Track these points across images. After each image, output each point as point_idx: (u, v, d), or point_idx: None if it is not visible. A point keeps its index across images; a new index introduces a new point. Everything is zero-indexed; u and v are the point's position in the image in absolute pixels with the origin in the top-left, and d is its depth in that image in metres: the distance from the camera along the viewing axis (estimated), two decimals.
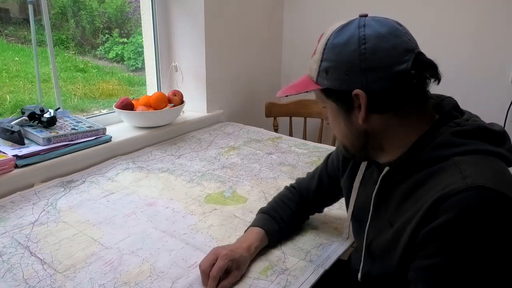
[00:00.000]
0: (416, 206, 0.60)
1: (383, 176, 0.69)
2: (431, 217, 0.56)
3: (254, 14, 1.99)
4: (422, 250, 0.58)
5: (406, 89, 0.61)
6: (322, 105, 0.72)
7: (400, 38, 0.61)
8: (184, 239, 0.92)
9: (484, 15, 1.65)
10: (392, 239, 0.65)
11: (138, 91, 2.54)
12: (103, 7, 2.55)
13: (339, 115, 0.67)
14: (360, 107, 0.62)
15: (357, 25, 0.62)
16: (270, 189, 1.18)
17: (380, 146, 0.67)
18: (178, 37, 1.79)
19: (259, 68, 2.13)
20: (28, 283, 0.76)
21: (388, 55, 0.60)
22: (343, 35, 0.62)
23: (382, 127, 0.64)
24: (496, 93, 1.70)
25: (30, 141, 1.24)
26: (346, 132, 0.68)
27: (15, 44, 2.35)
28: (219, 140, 1.61)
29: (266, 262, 0.85)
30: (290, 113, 2.00)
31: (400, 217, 0.64)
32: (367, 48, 0.60)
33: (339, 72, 0.62)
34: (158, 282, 0.78)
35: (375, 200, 0.71)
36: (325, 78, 0.64)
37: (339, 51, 0.62)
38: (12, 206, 1.04)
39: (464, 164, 0.58)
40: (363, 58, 0.60)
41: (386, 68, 0.60)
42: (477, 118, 0.66)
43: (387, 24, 0.62)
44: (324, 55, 0.64)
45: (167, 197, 1.12)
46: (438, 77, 0.62)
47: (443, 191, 0.56)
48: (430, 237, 0.57)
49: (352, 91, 0.61)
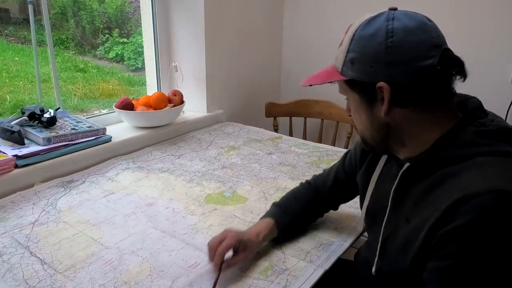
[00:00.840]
0: (434, 205, 0.60)
1: (403, 172, 0.68)
2: (449, 218, 0.56)
3: (254, 14, 1.99)
4: (438, 251, 0.58)
5: (431, 85, 0.61)
6: (345, 96, 0.72)
7: (428, 33, 0.61)
8: (184, 239, 0.92)
9: (484, 15, 1.65)
10: (408, 235, 0.64)
11: (138, 91, 2.54)
12: (103, 7, 2.55)
13: (361, 107, 0.67)
14: (383, 100, 0.63)
15: (386, 18, 0.62)
16: (270, 189, 1.18)
17: (401, 140, 0.67)
18: (178, 37, 1.79)
19: (259, 68, 2.13)
20: (28, 283, 0.76)
21: (414, 49, 0.59)
22: (371, 27, 0.62)
23: (403, 121, 0.64)
24: (496, 93, 1.70)
25: (30, 141, 1.24)
26: (367, 124, 0.68)
27: (15, 44, 2.35)
28: (219, 140, 1.61)
29: (266, 262, 0.85)
30: (290, 113, 2.00)
31: (418, 214, 0.64)
32: (394, 41, 0.60)
33: (364, 64, 0.62)
34: (158, 281, 0.78)
35: (393, 196, 0.71)
36: (350, 69, 0.64)
37: (365, 43, 0.62)
38: (12, 206, 1.04)
39: (485, 165, 0.58)
40: (389, 51, 0.60)
41: (411, 62, 0.60)
42: (501, 119, 0.66)
43: (416, 18, 0.62)
44: (350, 46, 0.64)
45: (167, 197, 1.12)
46: (464, 74, 0.62)
47: (463, 193, 0.55)
48: (448, 239, 0.56)
49: (376, 83, 0.62)
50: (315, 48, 2.12)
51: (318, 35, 2.09)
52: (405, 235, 0.65)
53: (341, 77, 0.66)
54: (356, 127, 0.73)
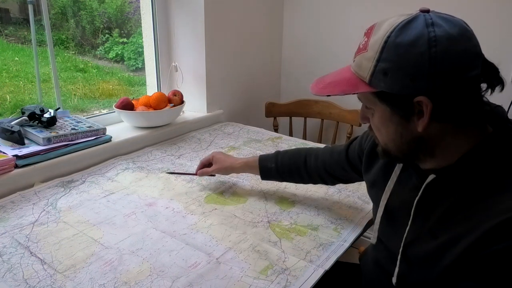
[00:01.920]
0: (470, 223, 0.57)
1: (427, 184, 0.64)
2: (492, 239, 0.53)
3: (254, 14, 1.99)
4: (476, 271, 0.55)
5: (473, 96, 0.57)
6: (365, 106, 0.66)
7: (471, 41, 0.56)
8: (184, 239, 0.92)
9: (484, 15, 1.65)
10: (436, 251, 0.62)
11: (138, 91, 2.54)
12: (103, 7, 2.55)
13: (391, 120, 0.61)
14: (421, 113, 0.57)
15: (424, 23, 0.55)
16: (270, 189, 1.18)
17: (431, 152, 0.62)
18: (178, 37, 1.79)
19: (259, 68, 2.13)
20: (28, 283, 0.76)
21: (460, 59, 0.54)
22: (408, 34, 0.55)
23: (440, 134, 0.60)
24: (496, 93, 1.69)
25: (30, 141, 1.24)
26: (395, 136, 0.63)
27: (15, 44, 2.35)
28: (219, 140, 1.61)
29: (266, 261, 0.85)
30: (290, 113, 2.00)
31: (447, 230, 0.60)
32: (438, 52, 0.53)
33: (402, 76, 0.55)
34: (158, 281, 0.78)
35: (416, 207, 0.67)
36: (382, 81, 0.57)
37: (404, 52, 0.55)
38: (12, 206, 1.04)
39: None
40: (433, 62, 0.53)
41: (457, 74, 0.54)
42: None
43: (457, 24, 0.56)
44: (382, 54, 0.56)
45: (167, 197, 1.12)
46: (503, 83, 0.58)
47: (508, 215, 0.52)
48: (489, 260, 0.54)
49: (414, 96, 0.56)
50: (315, 48, 2.12)
51: (318, 35, 2.09)
52: (432, 249, 0.63)
53: (370, 88, 0.59)
54: (379, 138, 0.67)
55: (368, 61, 0.59)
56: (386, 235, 0.78)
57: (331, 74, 0.67)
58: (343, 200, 1.12)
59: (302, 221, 1.01)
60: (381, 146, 0.68)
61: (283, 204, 1.10)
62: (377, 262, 0.82)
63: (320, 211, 1.06)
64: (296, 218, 1.02)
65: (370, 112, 0.65)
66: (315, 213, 1.05)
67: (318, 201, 1.11)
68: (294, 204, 1.09)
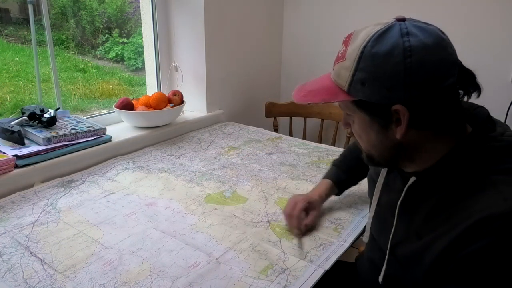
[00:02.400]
0: (449, 223, 0.58)
1: (409, 186, 0.66)
2: (467, 240, 0.54)
3: (254, 14, 1.99)
4: (457, 274, 0.56)
5: (450, 103, 0.58)
6: (346, 113, 0.67)
7: (446, 50, 0.57)
8: (184, 239, 0.92)
9: (484, 14, 1.65)
10: (420, 251, 0.63)
11: (138, 91, 2.54)
12: (103, 7, 2.55)
13: (371, 127, 0.63)
14: (398, 122, 0.59)
15: (399, 33, 0.56)
16: (270, 189, 1.18)
17: (411, 157, 0.64)
18: (178, 37, 1.79)
19: (259, 68, 2.13)
20: (28, 283, 0.76)
21: (435, 69, 0.55)
22: (384, 44, 0.56)
23: (418, 141, 0.61)
24: (496, 93, 1.70)
25: (30, 141, 1.24)
26: (376, 143, 0.64)
27: (15, 44, 2.35)
28: (219, 140, 1.61)
29: (266, 261, 0.85)
30: (290, 113, 2.00)
31: (430, 231, 0.62)
32: (413, 62, 0.54)
33: (379, 86, 0.57)
34: (158, 281, 0.78)
35: (400, 209, 0.69)
36: (360, 90, 0.59)
37: (380, 63, 0.56)
38: (12, 206, 1.04)
39: (502, 184, 0.56)
40: (408, 72, 0.54)
41: (432, 84, 0.55)
42: (510, 130, 0.64)
43: (432, 33, 0.57)
44: (359, 64, 0.58)
45: (167, 197, 1.12)
46: (479, 89, 0.59)
47: (482, 214, 0.54)
48: (467, 262, 0.55)
49: (391, 105, 0.57)
50: (315, 48, 2.12)
51: (318, 35, 2.09)
52: (417, 249, 0.64)
53: (348, 97, 0.61)
54: (360, 144, 0.69)
55: (346, 71, 0.60)
56: (378, 235, 0.80)
57: (312, 82, 0.68)
58: (343, 200, 1.12)
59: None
60: (365, 152, 0.69)
61: (283, 204, 1.09)
62: (372, 261, 0.83)
63: (320, 211, 1.06)
64: None
65: (351, 118, 0.67)
66: None
67: None
68: None
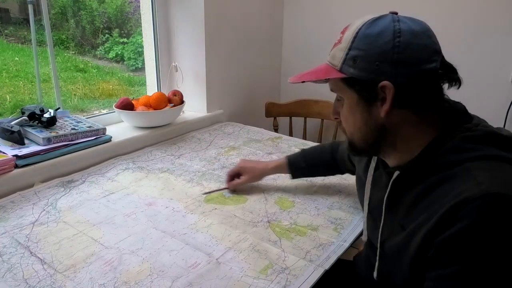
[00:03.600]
0: (429, 211, 0.60)
1: (393, 180, 0.69)
2: (445, 225, 0.56)
3: (254, 14, 1.99)
4: (438, 259, 0.58)
5: (431, 88, 0.63)
6: (338, 96, 0.71)
7: (431, 39, 0.62)
8: (184, 239, 0.92)
9: (484, 14, 1.65)
10: (404, 242, 0.65)
11: (138, 91, 2.54)
12: (103, 7, 2.55)
13: (358, 106, 0.66)
14: (384, 100, 0.62)
15: (391, 19, 0.62)
16: (270, 189, 1.18)
17: (393, 143, 0.67)
18: (178, 37, 1.79)
19: (259, 68, 2.13)
20: (28, 283, 0.76)
21: (420, 51, 0.60)
22: (376, 26, 0.62)
23: (400, 123, 0.65)
24: (496, 93, 1.70)
25: (30, 141, 1.24)
26: (360, 124, 0.67)
27: (15, 44, 2.35)
28: (219, 140, 1.61)
29: (266, 260, 0.85)
30: (290, 113, 2.00)
31: (412, 221, 0.64)
32: (401, 42, 0.60)
33: (369, 62, 0.61)
34: (158, 281, 0.78)
35: (386, 203, 0.72)
36: (352, 67, 0.63)
37: (371, 41, 0.61)
38: (12, 206, 1.04)
39: (476, 170, 0.58)
40: (396, 50, 0.60)
41: (416, 64, 0.60)
42: (486, 123, 0.67)
43: (420, 23, 0.63)
44: (353, 43, 0.63)
45: (167, 197, 1.12)
46: (460, 80, 0.63)
47: (458, 199, 0.56)
48: (447, 246, 0.57)
49: (378, 82, 0.61)
50: (315, 48, 2.12)
51: (318, 35, 2.09)
52: (401, 241, 0.66)
53: (340, 74, 0.65)
54: (346, 129, 0.72)
55: (340, 51, 0.65)
56: (371, 233, 0.82)
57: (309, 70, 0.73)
58: (343, 200, 1.12)
59: (302, 221, 1.01)
60: (348, 138, 0.72)
61: (283, 204, 1.10)
62: (367, 259, 0.85)
63: (320, 211, 1.06)
64: (296, 218, 1.02)
65: (340, 104, 0.71)
66: (315, 213, 1.05)
67: (318, 201, 1.11)
68: (294, 204, 1.09)
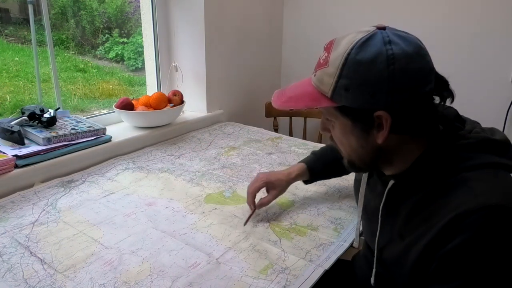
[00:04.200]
0: (429, 222, 0.60)
1: (389, 189, 0.69)
2: (446, 238, 0.56)
3: (254, 14, 1.99)
4: (441, 273, 0.58)
5: (427, 108, 0.61)
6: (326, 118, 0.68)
7: (425, 58, 0.60)
8: (184, 239, 0.92)
9: (484, 14, 1.65)
10: (404, 251, 0.65)
11: (138, 91, 2.54)
12: (103, 7, 2.55)
13: (352, 132, 0.64)
14: (380, 126, 0.61)
15: (382, 41, 0.58)
16: None
17: (390, 160, 0.67)
18: (178, 37, 1.79)
19: (259, 68, 2.13)
20: (28, 283, 0.76)
21: (416, 76, 0.58)
22: (367, 52, 0.58)
23: (397, 144, 0.63)
24: (496, 93, 1.70)
25: (30, 141, 1.24)
26: (356, 147, 0.66)
27: (15, 44, 2.35)
28: (219, 140, 1.61)
29: (266, 260, 0.85)
30: (290, 113, 2.00)
31: (412, 231, 0.64)
32: (396, 69, 0.56)
33: (363, 92, 0.58)
34: (158, 281, 0.78)
35: (383, 212, 0.71)
36: (344, 96, 0.60)
37: (364, 70, 0.58)
38: (12, 206, 1.04)
39: (473, 181, 0.58)
40: (391, 79, 0.57)
41: (413, 90, 0.58)
42: (479, 127, 0.66)
43: (412, 42, 0.59)
44: (343, 71, 0.59)
45: (167, 197, 1.12)
46: (453, 96, 0.62)
47: (456, 211, 0.56)
48: (448, 260, 0.56)
49: (374, 111, 0.59)
50: (315, 48, 2.11)
51: (318, 35, 2.09)
52: (401, 250, 0.66)
53: (332, 103, 0.62)
54: (342, 149, 0.70)
55: (329, 77, 0.61)
56: (368, 237, 0.82)
57: (292, 87, 0.69)
58: (343, 200, 1.12)
59: (302, 221, 1.01)
60: (345, 157, 0.71)
61: (283, 204, 1.10)
62: (366, 261, 0.85)
63: (320, 211, 1.06)
64: (296, 218, 1.02)
65: (330, 124, 0.68)
66: (315, 213, 1.05)
67: (318, 201, 1.11)
68: (294, 204, 1.09)
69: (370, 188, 0.79)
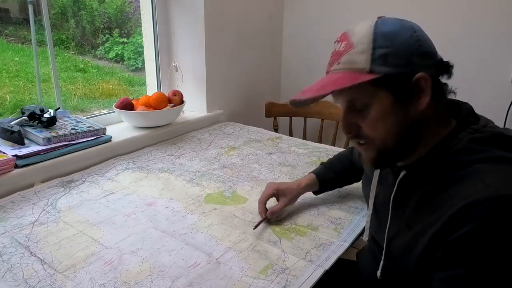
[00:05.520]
0: (437, 211, 0.60)
1: (400, 180, 0.69)
2: (454, 226, 0.57)
3: (254, 14, 1.99)
4: (447, 260, 0.58)
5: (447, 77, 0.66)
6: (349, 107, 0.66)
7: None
8: (184, 239, 0.92)
9: (484, 14, 1.65)
10: (411, 241, 0.65)
11: (138, 91, 2.54)
12: (103, 7, 2.55)
13: (392, 108, 0.63)
14: (421, 92, 0.62)
15: (395, 19, 0.64)
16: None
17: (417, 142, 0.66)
18: (178, 37, 1.79)
19: (259, 68, 2.13)
20: (28, 283, 0.76)
21: (431, 43, 0.64)
22: (390, 25, 0.63)
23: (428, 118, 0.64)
24: (496, 93, 1.70)
25: (30, 141, 1.24)
26: (395, 128, 0.64)
27: (15, 44, 2.35)
28: (219, 140, 1.61)
29: (266, 260, 0.85)
30: (290, 113, 2.00)
31: (420, 221, 0.64)
32: (419, 36, 0.62)
33: (401, 57, 0.61)
34: (158, 281, 0.78)
35: (393, 203, 0.71)
36: (383, 65, 0.61)
37: (394, 37, 0.61)
38: (12, 206, 1.04)
39: (484, 172, 0.58)
40: (419, 43, 0.62)
41: (434, 55, 0.64)
42: (493, 124, 0.67)
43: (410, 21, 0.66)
44: (376, 42, 0.61)
45: (167, 197, 1.12)
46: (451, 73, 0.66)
47: (466, 201, 0.56)
48: (455, 247, 0.57)
49: (412, 76, 0.61)
50: (315, 48, 2.12)
51: (318, 35, 2.09)
52: (408, 240, 0.66)
53: (372, 75, 0.61)
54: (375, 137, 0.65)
55: (361, 54, 0.62)
56: (376, 232, 0.82)
57: (315, 84, 0.67)
58: (343, 200, 1.12)
59: (302, 221, 1.01)
60: (376, 151, 0.67)
61: None
62: (371, 256, 0.85)
63: (320, 211, 1.06)
64: (296, 218, 1.02)
65: (358, 114, 0.65)
66: (315, 213, 1.05)
67: (318, 201, 1.11)
68: (294, 204, 1.09)
69: (381, 180, 0.79)
